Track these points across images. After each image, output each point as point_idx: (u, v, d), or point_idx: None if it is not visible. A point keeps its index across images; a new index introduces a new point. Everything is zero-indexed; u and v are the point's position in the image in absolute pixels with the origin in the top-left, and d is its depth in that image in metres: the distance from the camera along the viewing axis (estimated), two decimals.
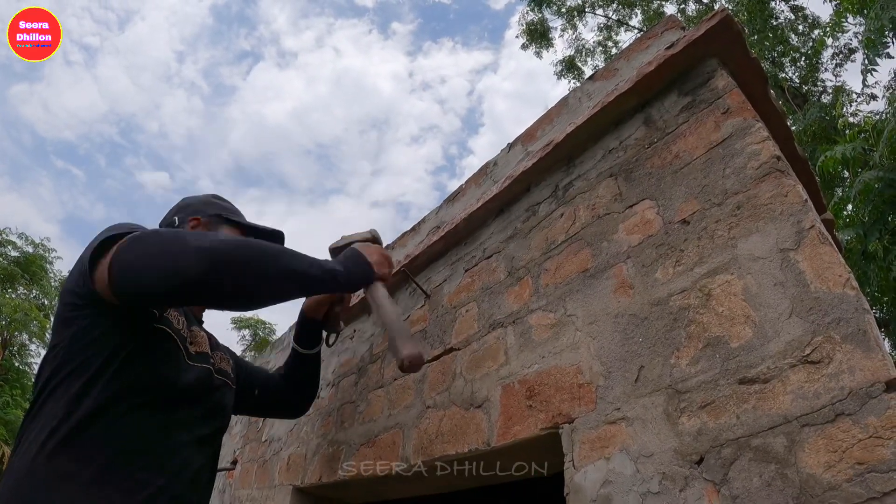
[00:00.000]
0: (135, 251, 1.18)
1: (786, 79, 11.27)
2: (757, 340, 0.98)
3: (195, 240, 1.19)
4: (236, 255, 1.22)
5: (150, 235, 1.21)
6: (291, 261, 1.33)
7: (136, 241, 1.19)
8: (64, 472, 1.11)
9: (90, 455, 1.14)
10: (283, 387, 1.99)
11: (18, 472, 1.12)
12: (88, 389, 1.18)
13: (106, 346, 1.22)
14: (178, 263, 1.15)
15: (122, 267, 1.17)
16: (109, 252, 1.19)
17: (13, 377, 17.85)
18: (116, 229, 1.26)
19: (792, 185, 1.07)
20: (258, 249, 1.28)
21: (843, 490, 0.79)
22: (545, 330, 1.42)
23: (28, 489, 1.09)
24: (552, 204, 1.61)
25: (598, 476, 1.13)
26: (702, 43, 1.32)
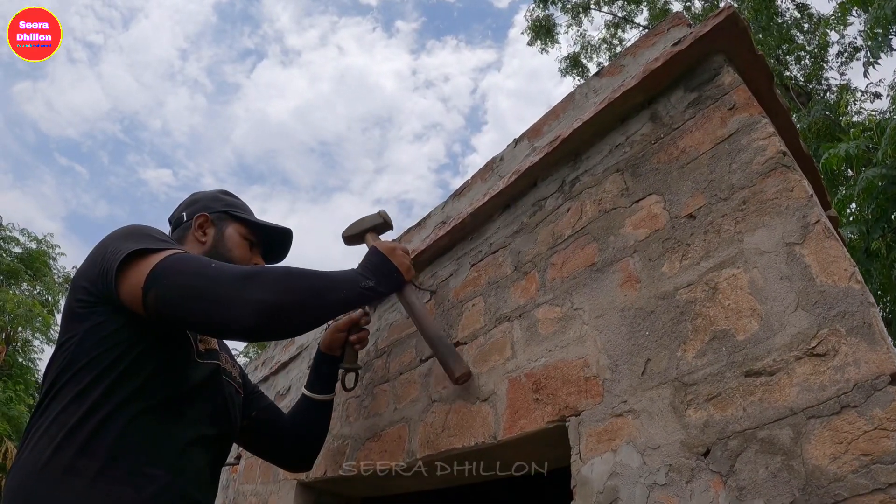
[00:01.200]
0: (180, 286, 1.21)
1: (790, 77, 11.25)
2: (763, 333, 0.99)
3: (248, 287, 1.23)
4: (287, 303, 1.27)
5: (197, 268, 1.24)
6: (332, 293, 1.40)
7: (179, 273, 1.22)
8: (71, 467, 1.12)
9: (98, 450, 1.15)
10: (288, 428, 1.86)
11: (26, 466, 1.13)
12: (98, 385, 1.19)
13: (119, 343, 1.24)
14: (231, 313, 1.21)
15: (165, 300, 1.20)
16: (141, 267, 1.21)
17: (17, 373, 17.84)
18: (143, 240, 1.27)
19: (798, 180, 1.07)
20: (306, 293, 1.33)
21: (849, 481, 0.80)
22: (552, 324, 1.43)
23: (36, 483, 1.10)
24: (558, 199, 1.62)
25: (605, 468, 1.14)
26: (708, 39, 1.32)
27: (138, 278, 1.20)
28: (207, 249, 1.60)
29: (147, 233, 1.33)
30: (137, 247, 1.23)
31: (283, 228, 1.80)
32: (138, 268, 1.21)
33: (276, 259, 1.84)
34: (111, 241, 1.31)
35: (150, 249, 1.24)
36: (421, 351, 1.92)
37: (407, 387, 1.91)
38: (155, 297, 1.19)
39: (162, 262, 1.22)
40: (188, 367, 1.38)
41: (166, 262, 1.22)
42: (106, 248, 1.29)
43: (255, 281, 1.25)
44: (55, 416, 1.17)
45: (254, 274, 1.27)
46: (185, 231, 1.65)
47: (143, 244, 1.25)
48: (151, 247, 1.25)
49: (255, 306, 1.21)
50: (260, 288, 1.23)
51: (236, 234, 1.67)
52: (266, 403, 1.85)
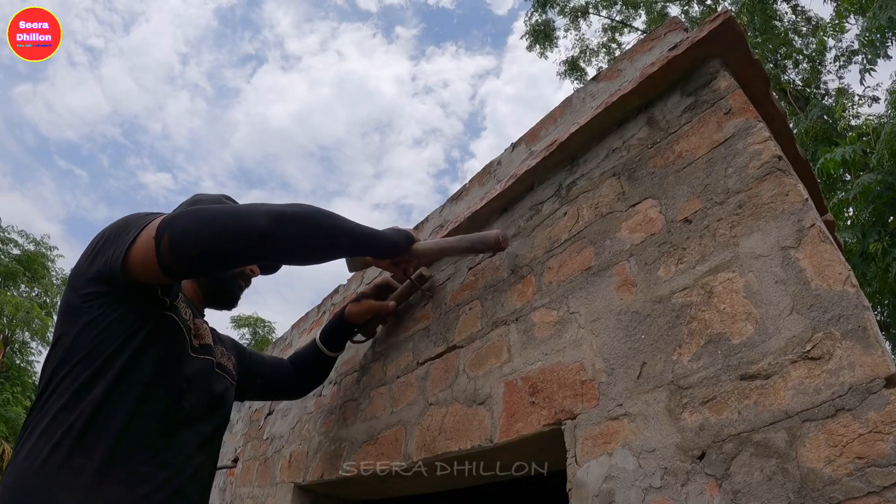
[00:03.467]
0: (192, 219, 1.25)
1: (788, 81, 11.28)
2: (758, 337, 1.00)
3: (258, 205, 1.31)
4: (301, 213, 1.33)
5: (201, 207, 1.29)
6: (344, 220, 1.47)
7: (187, 213, 1.26)
8: (69, 464, 1.12)
9: (95, 447, 1.15)
10: (291, 376, 2.10)
11: (24, 463, 1.13)
12: (96, 379, 1.20)
13: (116, 335, 1.24)
14: (247, 221, 1.25)
15: (180, 237, 1.22)
16: (147, 231, 1.24)
17: (14, 375, 17.85)
18: (148, 217, 1.30)
19: (793, 185, 1.08)
20: (317, 210, 1.40)
21: (844, 484, 0.80)
22: (548, 327, 1.43)
23: (33, 480, 1.10)
24: (555, 203, 1.62)
25: (601, 471, 1.15)
26: (704, 44, 1.33)
27: (147, 237, 1.22)
28: None
29: (146, 213, 1.34)
30: (143, 223, 1.26)
31: None
32: (145, 232, 1.24)
33: (273, 268, 1.86)
34: (113, 230, 1.32)
35: (153, 219, 1.27)
36: (418, 354, 1.92)
37: (404, 390, 1.91)
38: (169, 239, 1.21)
39: (167, 215, 1.26)
40: (183, 362, 1.39)
41: (170, 215, 1.26)
42: (108, 237, 1.30)
43: (262, 203, 1.32)
44: (54, 414, 1.17)
45: (266, 203, 1.33)
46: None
47: (148, 220, 1.28)
48: (154, 217, 1.28)
49: (268, 211, 1.27)
50: (270, 204, 1.32)
51: None
52: (267, 368, 2.03)
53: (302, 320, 3.30)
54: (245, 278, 1.74)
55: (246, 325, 26.37)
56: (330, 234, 1.42)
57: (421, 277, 2.00)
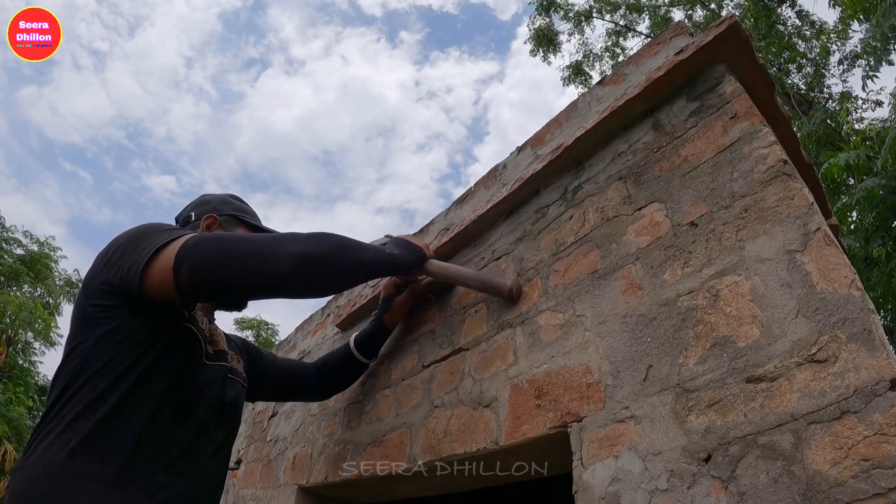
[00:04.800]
0: (213, 252, 1.23)
1: (792, 85, 11.27)
2: (764, 340, 1.00)
3: (279, 242, 1.29)
4: (322, 255, 1.33)
5: (222, 237, 1.29)
6: (360, 252, 1.46)
7: (208, 243, 1.24)
8: (85, 472, 1.12)
9: (111, 455, 1.15)
10: (312, 376, 2.08)
11: (35, 469, 1.13)
12: (113, 389, 1.19)
13: (134, 347, 1.24)
14: (268, 265, 1.24)
15: (200, 269, 1.21)
16: (166, 253, 1.22)
17: (17, 375, 17.82)
18: (163, 234, 1.28)
19: (798, 189, 1.08)
20: (337, 245, 1.39)
21: (849, 486, 0.81)
22: (554, 330, 1.44)
23: (47, 487, 1.10)
24: (561, 206, 1.63)
25: (607, 474, 1.15)
26: (710, 49, 1.34)
27: (166, 262, 1.21)
28: None
29: (163, 228, 1.33)
30: (160, 241, 1.24)
31: None
32: (164, 255, 1.22)
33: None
34: (129, 240, 1.30)
35: (171, 239, 1.25)
36: (423, 357, 1.93)
37: (409, 392, 1.91)
38: (188, 270, 1.20)
39: (186, 241, 1.23)
40: (198, 370, 1.39)
41: (191, 241, 1.23)
42: (124, 248, 1.28)
43: (284, 238, 1.31)
44: (69, 421, 1.16)
45: (281, 235, 1.33)
46: (192, 231, 1.62)
47: (165, 237, 1.26)
48: (172, 237, 1.26)
49: (290, 255, 1.26)
50: (291, 242, 1.29)
51: None
52: (279, 371, 2.01)
53: (306, 322, 3.31)
54: None
55: (249, 327, 26.37)
56: (347, 270, 1.43)
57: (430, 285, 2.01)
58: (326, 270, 1.34)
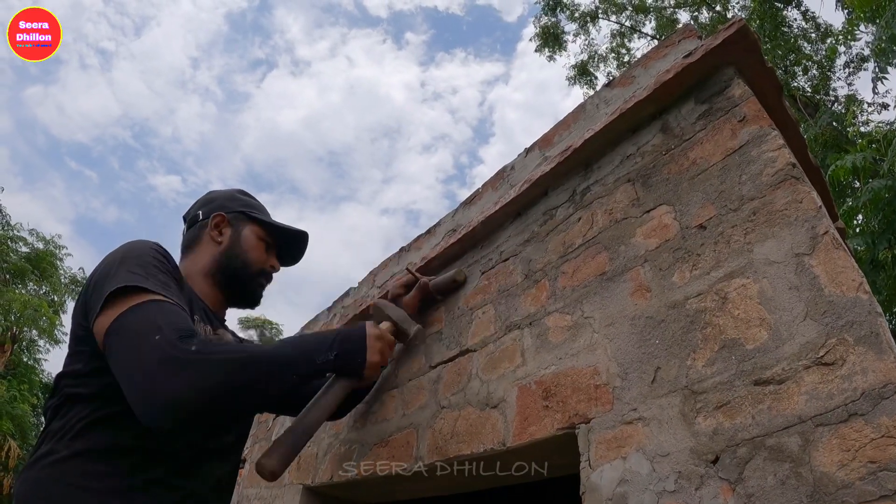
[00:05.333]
0: (120, 361, 1.13)
1: (797, 88, 11.25)
2: (772, 342, 1.01)
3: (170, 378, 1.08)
4: (221, 402, 1.15)
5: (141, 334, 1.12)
6: (283, 375, 1.27)
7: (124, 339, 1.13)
8: (94, 473, 1.12)
9: (121, 457, 1.15)
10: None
11: (42, 470, 1.13)
12: (120, 398, 1.15)
13: None
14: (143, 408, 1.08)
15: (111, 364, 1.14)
16: (109, 313, 1.15)
17: (21, 372, 17.88)
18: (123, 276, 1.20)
19: (807, 192, 1.09)
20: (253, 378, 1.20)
21: (856, 488, 0.82)
22: (562, 332, 1.44)
23: (56, 488, 1.10)
24: (569, 208, 1.63)
25: (615, 475, 1.16)
26: (719, 52, 1.34)
27: (102, 328, 1.15)
28: (224, 249, 1.59)
29: (136, 262, 1.26)
30: (112, 287, 1.17)
31: (300, 231, 1.78)
32: (107, 314, 1.15)
33: (292, 261, 1.84)
34: (102, 269, 1.27)
35: (127, 289, 1.17)
36: (430, 358, 1.93)
37: (415, 393, 1.92)
38: (108, 359, 1.14)
39: (122, 315, 1.14)
40: None
41: (123, 319, 1.14)
42: (95, 279, 1.25)
43: (182, 373, 1.09)
44: (77, 425, 1.16)
45: (187, 363, 1.10)
46: (200, 230, 1.63)
47: (117, 282, 1.18)
48: (122, 284, 1.17)
49: (170, 405, 1.07)
50: (183, 384, 1.08)
51: (253, 236, 1.65)
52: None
53: (311, 323, 3.31)
54: (266, 276, 1.69)
55: (253, 326, 26.45)
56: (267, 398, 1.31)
57: (454, 282, 1.99)
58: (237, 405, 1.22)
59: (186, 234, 1.66)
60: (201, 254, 1.59)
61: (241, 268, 1.61)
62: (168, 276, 1.32)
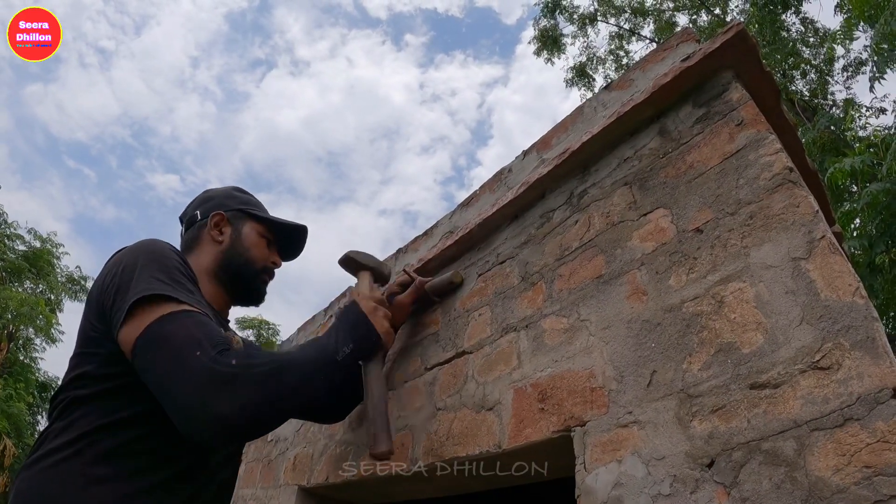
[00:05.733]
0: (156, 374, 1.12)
1: (796, 91, 11.27)
2: (768, 346, 1.01)
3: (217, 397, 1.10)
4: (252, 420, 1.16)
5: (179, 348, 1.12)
6: (308, 390, 1.31)
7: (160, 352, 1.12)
8: (97, 476, 1.11)
9: (124, 461, 1.14)
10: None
11: (43, 470, 1.12)
12: (126, 405, 1.18)
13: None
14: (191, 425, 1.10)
15: (144, 376, 1.14)
16: (136, 322, 1.14)
17: (17, 371, 17.85)
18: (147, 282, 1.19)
19: (804, 196, 1.09)
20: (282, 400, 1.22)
21: (851, 493, 0.82)
22: (558, 334, 1.44)
23: (58, 489, 1.09)
24: (567, 211, 1.63)
25: (610, 478, 1.16)
26: (717, 55, 1.34)
27: (131, 336, 1.14)
28: (225, 248, 1.58)
29: (154, 266, 1.26)
30: (136, 295, 1.16)
31: (299, 225, 1.78)
32: (136, 321, 1.15)
33: (292, 256, 1.83)
34: (122, 270, 1.25)
35: (148, 297, 1.16)
36: (426, 359, 1.93)
37: (412, 395, 1.92)
38: (139, 368, 1.14)
39: (155, 324, 1.14)
40: None
41: (157, 329, 1.13)
42: (115, 280, 1.23)
43: (226, 391, 1.11)
44: (81, 428, 1.15)
45: (230, 378, 1.12)
46: (199, 230, 1.61)
47: (144, 288, 1.17)
48: (150, 293, 1.17)
49: (217, 425, 1.10)
50: (229, 402, 1.10)
51: (254, 233, 1.64)
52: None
53: (308, 323, 3.30)
54: (269, 272, 1.69)
55: (250, 326, 26.40)
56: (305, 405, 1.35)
57: (451, 283, 1.99)
58: (258, 430, 1.25)
59: (185, 234, 1.64)
60: (202, 254, 1.57)
61: (243, 266, 1.60)
62: (192, 283, 1.32)
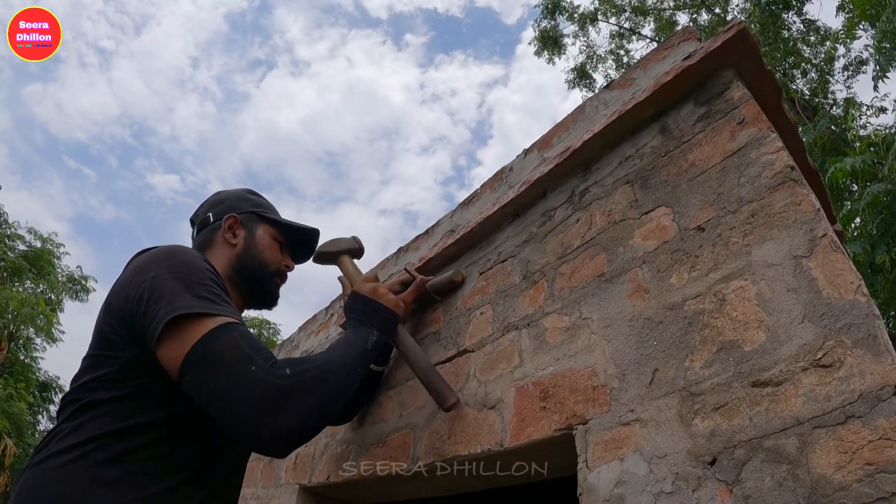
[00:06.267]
0: (212, 391, 1.12)
1: (796, 91, 11.27)
2: (770, 344, 1.01)
3: (279, 411, 1.12)
4: (313, 427, 1.21)
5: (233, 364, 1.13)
6: (351, 385, 1.34)
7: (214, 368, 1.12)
8: (104, 478, 1.10)
9: (134, 464, 1.13)
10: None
11: (48, 471, 1.11)
12: (139, 411, 1.17)
13: (159, 377, 1.19)
14: (258, 439, 1.13)
15: (198, 395, 1.14)
16: (183, 338, 1.13)
17: (17, 371, 17.87)
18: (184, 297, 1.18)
19: (805, 195, 1.09)
20: (332, 402, 1.25)
21: (853, 490, 0.82)
22: (560, 333, 1.44)
23: (64, 491, 1.08)
24: (568, 209, 1.63)
25: (612, 476, 1.16)
26: (718, 54, 1.34)
27: (177, 354, 1.13)
28: (239, 251, 1.57)
29: (191, 277, 1.25)
30: (178, 310, 1.15)
31: (311, 228, 1.78)
32: (178, 338, 1.14)
33: (303, 259, 1.84)
34: (153, 278, 1.22)
35: (192, 314, 1.16)
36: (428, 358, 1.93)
37: (413, 393, 1.92)
38: (189, 386, 1.13)
39: (200, 342, 1.13)
40: None
41: (204, 348, 1.13)
42: (145, 288, 1.21)
43: (285, 404, 1.13)
44: (88, 427, 1.14)
45: (286, 390, 1.14)
46: (212, 232, 1.60)
47: (184, 305, 1.16)
48: (193, 311, 1.16)
49: (283, 436, 1.13)
50: (289, 415, 1.13)
51: (267, 236, 1.64)
52: None
53: (309, 322, 3.30)
54: (281, 276, 1.69)
55: (251, 326, 26.37)
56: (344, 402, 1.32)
57: (453, 282, 1.99)
58: (315, 432, 1.24)
59: (197, 237, 1.64)
60: (216, 257, 1.56)
61: (258, 268, 1.60)
62: (225, 293, 1.31)
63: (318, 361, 1.27)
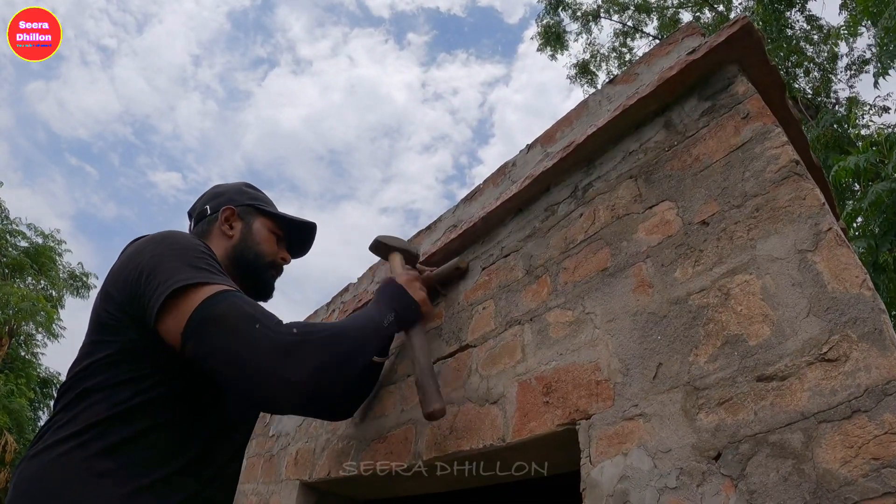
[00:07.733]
0: (217, 349, 1.13)
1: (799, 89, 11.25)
2: (775, 339, 1.00)
3: (288, 364, 1.13)
4: (323, 382, 1.19)
5: (236, 324, 1.14)
6: (363, 354, 1.37)
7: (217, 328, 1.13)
8: (99, 470, 1.09)
9: (129, 454, 1.13)
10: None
11: (45, 463, 1.11)
12: (135, 396, 1.17)
13: (156, 359, 1.20)
14: (267, 393, 1.14)
15: (203, 359, 1.14)
16: (181, 308, 1.14)
17: (18, 366, 17.87)
18: (183, 270, 1.19)
19: (810, 189, 1.09)
20: (342, 364, 1.25)
21: (859, 485, 0.81)
22: (563, 327, 1.44)
23: (60, 482, 1.08)
24: (571, 204, 1.63)
25: (615, 471, 1.15)
26: (723, 49, 1.34)
27: (178, 322, 1.13)
28: (235, 243, 1.58)
29: (188, 254, 1.25)
30: (177, 283, 1.15)
31: (309, 222, 1.79)
32: (179, 308, 1.14)
33: (300, 252, 1.84)
34: (150, 258, 1.23)
35: (190, 284, 1.16)
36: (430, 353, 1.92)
37: (414, 389, 1.91)
38: (193, 351, 1.13)
39: (202, 307, 1.13)
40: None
41: (206, 311, 1.13)
42: (143, 268, 1.21)
43: (295, 356, 1.14)
44: (84, 417, 1.14)
45: (295, 346, 1.15)
46: (209, 224, 1.62)
47: (184, 277, 1.17)
48: (192, 281, 1.16)
49: (293, 389, 1.13)
50: (299, 366, 1.14)
51: (264, 229, 1.65)
52: None
53: (311, 317, 3.30)
54: (277, 268, 1.70)
55: None
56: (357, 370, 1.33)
57: (457, 269, 1.98)
58: (328, 394, 1.23)
59: (194, 229, 1.65)
60: (212, 248, 1.55)
61: (254, 260, 1.61)
62: (222, 270, 1.32)
63: (328, 327, 1.29)
